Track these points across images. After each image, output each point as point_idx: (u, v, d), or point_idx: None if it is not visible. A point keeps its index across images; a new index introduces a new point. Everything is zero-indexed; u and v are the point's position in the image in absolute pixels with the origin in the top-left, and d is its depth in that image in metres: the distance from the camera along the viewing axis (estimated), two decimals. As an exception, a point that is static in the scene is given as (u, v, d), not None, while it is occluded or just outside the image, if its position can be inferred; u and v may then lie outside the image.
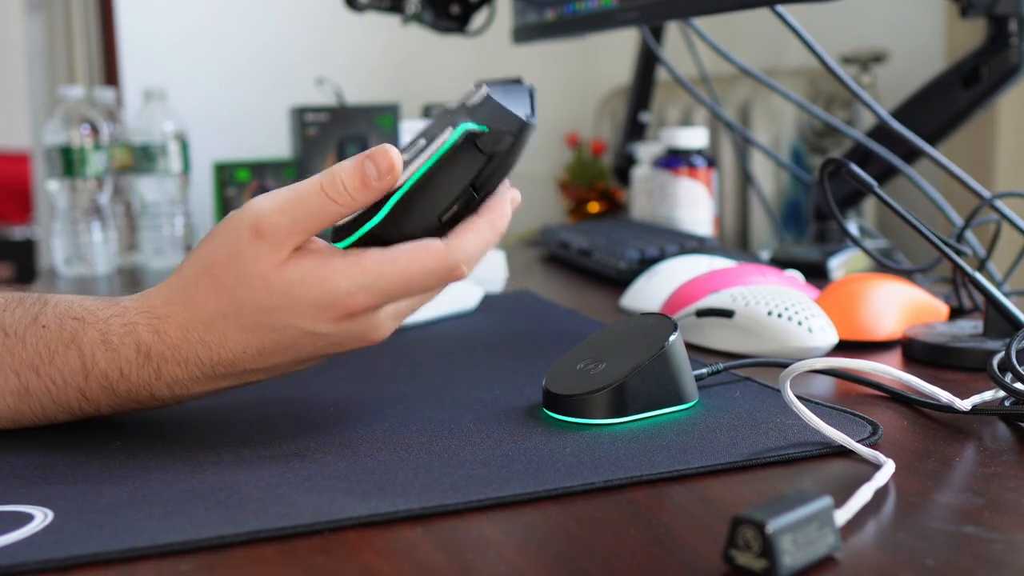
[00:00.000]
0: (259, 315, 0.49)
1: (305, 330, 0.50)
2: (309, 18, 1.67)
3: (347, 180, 0.49)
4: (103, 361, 0.51)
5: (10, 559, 0.38)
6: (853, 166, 0.69)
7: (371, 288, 0.49)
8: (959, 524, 0.41)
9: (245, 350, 0.50)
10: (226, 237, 0.50)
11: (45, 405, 0.52)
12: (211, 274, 0.50)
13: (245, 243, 0.49)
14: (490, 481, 0.46)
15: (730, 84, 1.46)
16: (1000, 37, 0.93)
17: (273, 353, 0.51)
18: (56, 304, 0.53)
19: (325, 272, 0.49)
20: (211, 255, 0.50)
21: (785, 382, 0.50)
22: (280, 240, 0.49)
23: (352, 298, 0.49)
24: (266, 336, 0.50)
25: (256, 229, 0.49)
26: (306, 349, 0.51)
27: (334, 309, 0.49)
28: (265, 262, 0.49)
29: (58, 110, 1.23)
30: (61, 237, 1.24)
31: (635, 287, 0.90)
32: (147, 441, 0.53)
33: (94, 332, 0.51)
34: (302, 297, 0.49)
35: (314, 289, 0.49)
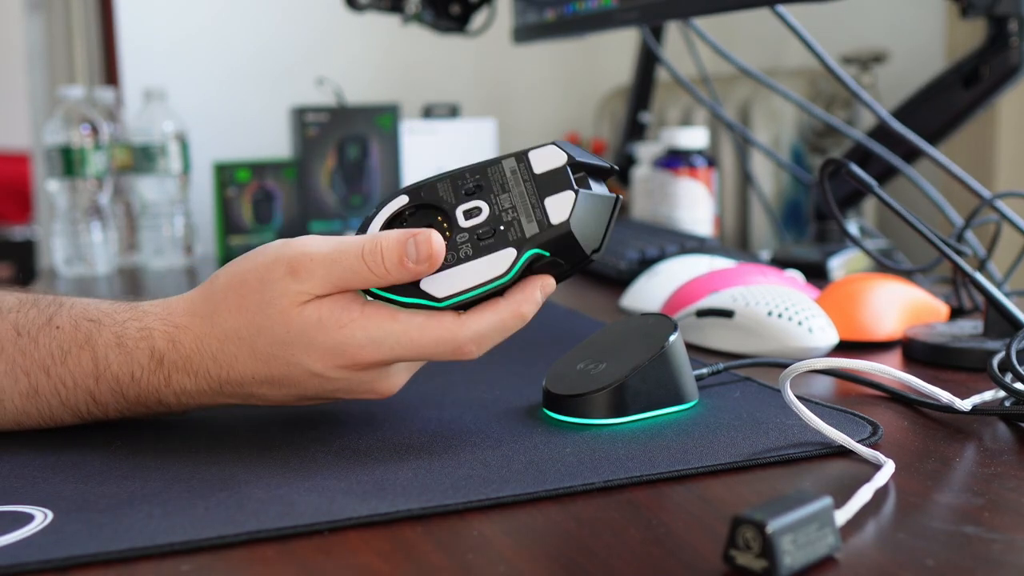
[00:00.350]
0: (273, 347, 0.50)
1: (313, 371, 0.50)
2: (309, 18, 1.67)
3: (387, 254, 0.49)
4: (116, 364, 0.51)
5: (10, 559, 0.38)
6: (853, 166, 0.69)
7: (381, 345, 0.49)
8: (959, 524, 0.41)
9: (254, 376, 0.51)
10: (263, 262, 0.50)
11: (53, 407, 0.52)
12: (239, 293, 0.50)
13: (277, 275, 0.49)
14: (490, 481, 0.46)
15: (730, 84, 1.46)
16: (1000, 37, 0.93)
17: (280, 385, 0.51)
18: (72, 306, 0.53)
19: (343, 319, 0.49)
20: (244, 275, 0.50)
21: (785, 382, 0.50)
22: (310, 286, 0.49)
23: (362, 350, 0.49)
24: (276, 368, 0.50)
25: (292, 267, 0.49)
26: (311, 389, 0.51)
27: (343, 357, 0.49)
28: (290, 299, 0.49)
29: (58, 110, 1.23)
30: (61, 237, 1.24)
31: (635, 287, 0.90)
32: (147, 441, 0.53)
33: (109, 334, 0.51)
34: (315, 339, 0.49)
35: (330, 333, 0.49)
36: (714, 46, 1.14)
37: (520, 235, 0.49)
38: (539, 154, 0.51)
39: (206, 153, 1.52)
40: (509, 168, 0.51)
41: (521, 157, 0.51)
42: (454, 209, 0.51)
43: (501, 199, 0.50)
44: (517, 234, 0.49)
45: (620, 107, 1.59)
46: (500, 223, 0.50)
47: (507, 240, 0.49)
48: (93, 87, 1.65)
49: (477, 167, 0.51)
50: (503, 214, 0.50)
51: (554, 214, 0.49)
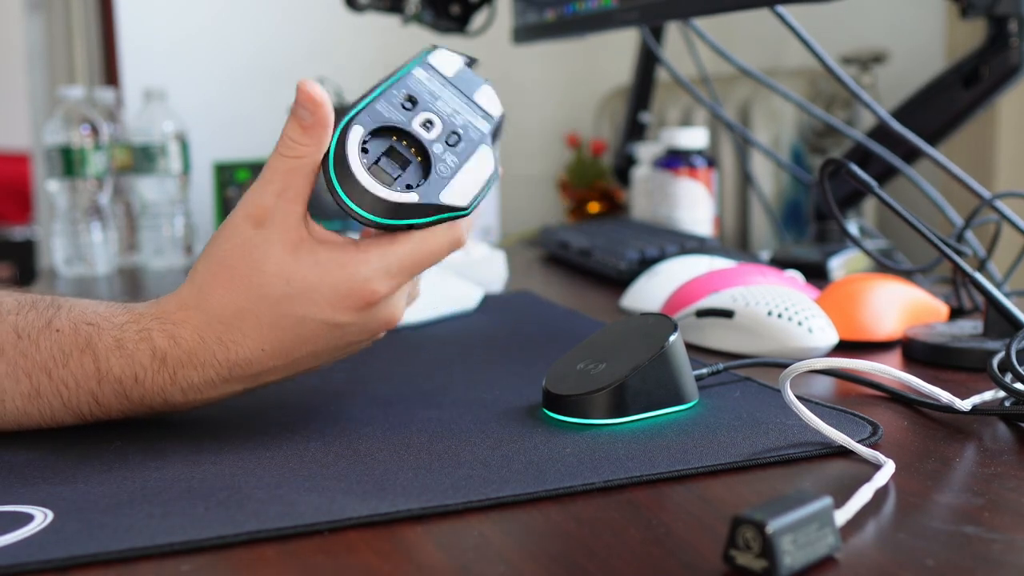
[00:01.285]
0: (278, 306, 0.49)
1: (324, 321, 0.50)
2: (309, 18, 1.67)
3: (290, 133, 0.50)
4: (117, 367, 0.51)
5: (10, 559, 0.38)
6: (853, 166, 0.69)
7: (390, 269, 0.49)
8: (959, 524, 0.41)
9: (263, 347, 0.50)
10: (229, 233, 0.50)
11: (55, 408, 0.52)
12: (225, 267, 0.50)
13: (250, 233, 0.49)
14: (490, 481, 0.46)
15: (730, 84, 1.46)
16: (1000, 37, 0.93)
17: (291, 349, 0.51)
18: (70, 309, 0.53)
19: (342, 257, 0.49)
20: (220, 252, 0.50)
21: (785, 382, 0.50)
22: (279, 220, 0.49)
23: (371, 283, 0.49)
24: (285, 330, 0.50)
25: (253, 218, 0.49)
26: (324, 341, 0.51)
27: (354, 296, 0.49)
28: (276, 248, 0.49)
29: (58, 110, 1.23)
30: (61, 237, 1.24)
31: (635, 287, 0.90)
32: (147, 441, 0.53)
33: (108, 338, 0.51)
34: (320, 283, 0.49)
35: (333, 274, 0.49)
36: (714, 46, 1.14)
37: (480, 132, 0.53)
38: (437, 59, 0.55)
39: (206, 153, 1.52)
40: (424, 78, 0.54)
41: (425, 65, 0.54)
42: (409, 125, 0.52)
43: (439, 106, 0.53)
44: (477, 132, 0.53)
45: (620, 107, 1.59)
46: (456, 127, 0.53)
47: (473, 139, 0.53)
48: (93, 87, 1.65)
49: (396, 83, 0.53)
50: (454, 118, 0.53)
51: (489, 106, 0.55)
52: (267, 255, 0.49)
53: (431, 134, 0.52)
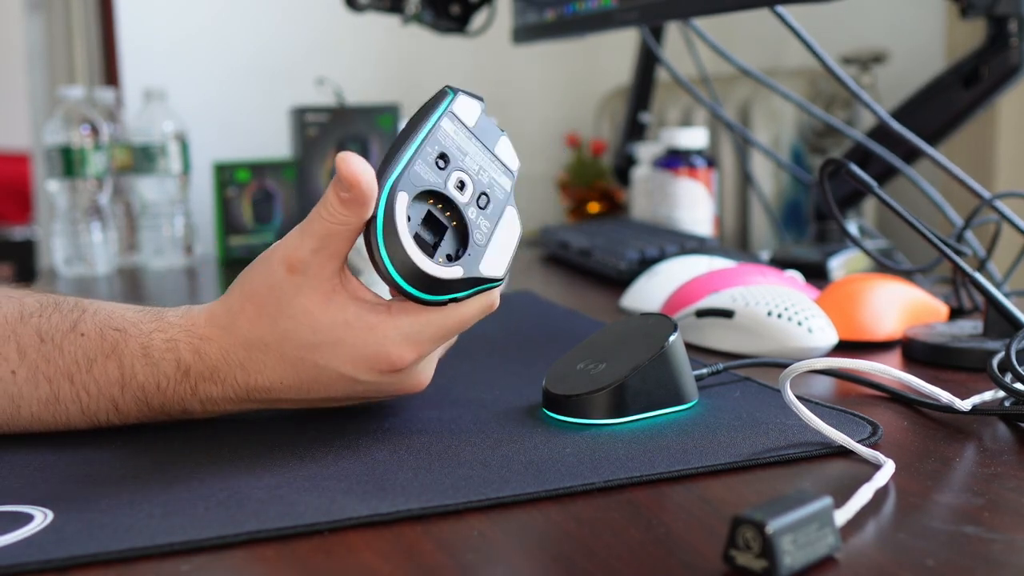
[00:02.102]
0: (302, 351, 0.50)
1: (344, 375, 0.50)
2: (309, 18, 1.67)
3: (331, 198, 0.49)
4: (142, 374, 0.51)
5: (10, 559, 0.38)
6: (853, 166, 0.69)
7: (419, 338, 0.49)
8: (959, 524, 0.41)
9: (282, 380, 0.51)
10: (263, 269, 0.50)
11: (71, 413, 0.52)
12: (254, 302, 0.50)
13: (281, 278, 0.49)
14: (490, 481, 0.46)
15: (730, 84, 1.46)
16: (1000, 37, 0.93)
17: (309, 389, 0.51)
18: (95, 312, 0.52)
19: (373, 319, 0.49)
20: (252, 286, 0.50)
21: (785, 382, 0.50)
22: (314, 271, 0.49)
23: (398, 349, 0.49)
24: (305, 372, 0.50)
25: (287, 264, 0.49)
26: (341, 391, 0.51)
27: (378, 360, 0.49)
28: (310, 295, 0.49)
29: (58, 110, 1.23)
30: (61, 237, 1.24)
31: (635, 287, 0.90)
32: (148, 441, 0.53)
33: (135, 344, 0.51)
34: (344, 340, 0.49)
35: (360, 335, 0.49)
36: (714, 46, 1.14)
37: (504, 191, 0.53)
38: (460, 107, 0.53)
39: (206, 153, 1.52)
40: (451, 131, 0.52)
41: (451, 116, 0.52)
42: (446, 188, 0.51)
43: (467, 163, 0.52)
44: (503, 191, 0.53)
45: (620, 107, 1.59)
46: (484, 186, 0.52)
47: (500, 200, 0.52)
48: (93, 87, 1.65)
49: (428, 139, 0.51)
50: (481, 176, 0.52)
51: (508, 161, 0.54)
52: (297, 302, 0.49)
53: (464, 196, 0.51)
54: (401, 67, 1.73)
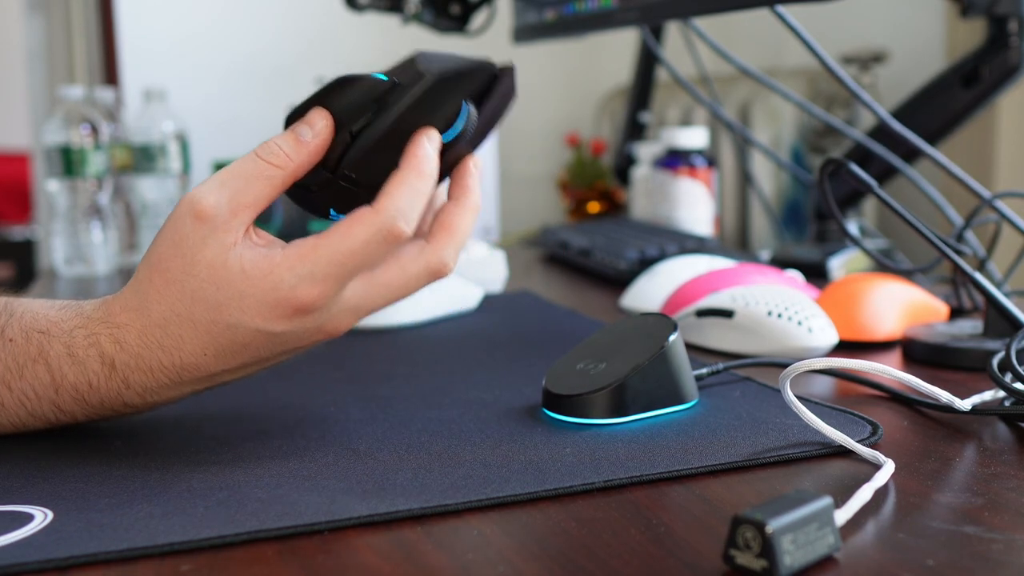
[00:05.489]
0: (210, 312, 0.47)
1: (257, 329, 0.48)
2: (309, 18, 1.67)
3: (281, 142, 0.48)
4: (71, 375, 0.50)
5: (10, 559, 0.38)
6: (853, 166, 0.69)
7: (314, 275, 0.47)
8: (959, 524, 0.41)
9: (204, 352, 0.49)
10: (169, 228, 0.48)
11: (22, 417, 0.52)
12: (160, 269, 0.48)
13: (188, 229, 0.47)
14: (490, 481, 0.46)
15: (730, 84, 1.46)
16: (1000, 37, 0.93)
17: (233, 354, 0.49)
18: (22, 316, 0.51)
19: (267, 265, 0.47)
20: (158, 250, 0.48)
21: (785, 382, 0.50)
22: (224, 219, 0.47)
23: (297, 291, 0.47)
24: (220, 336, 0.48)
25: (195, 213, 0.47)
26: (264, 348, 0.49)
27: (281, 306, 0.47)
28: (213, 248, 0.47)
29: (58, 110, 1.23)
30: (61, 237, 1.24)
31: (635, 287, 0.90)
32: (147, 441, 0.53)
33: (59, 346, 0.50)
34: (246, 292, 0.47)
35: (258, 283, 0.47)
36: (714, 46, 1.14)
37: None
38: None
39: (206, 153, 1.52)
40: None
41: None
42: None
43: None
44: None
45: (620, 107, 1.59)
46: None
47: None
48: (93, 87, 1.65)
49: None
50: None
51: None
52: (201, 257, 0.47)
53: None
54: (401, 67, 1.72)
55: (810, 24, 0.98)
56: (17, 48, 2.33)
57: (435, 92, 0.49)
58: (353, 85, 0.50)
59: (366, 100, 0.50)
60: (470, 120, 0.52)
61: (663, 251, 1.00)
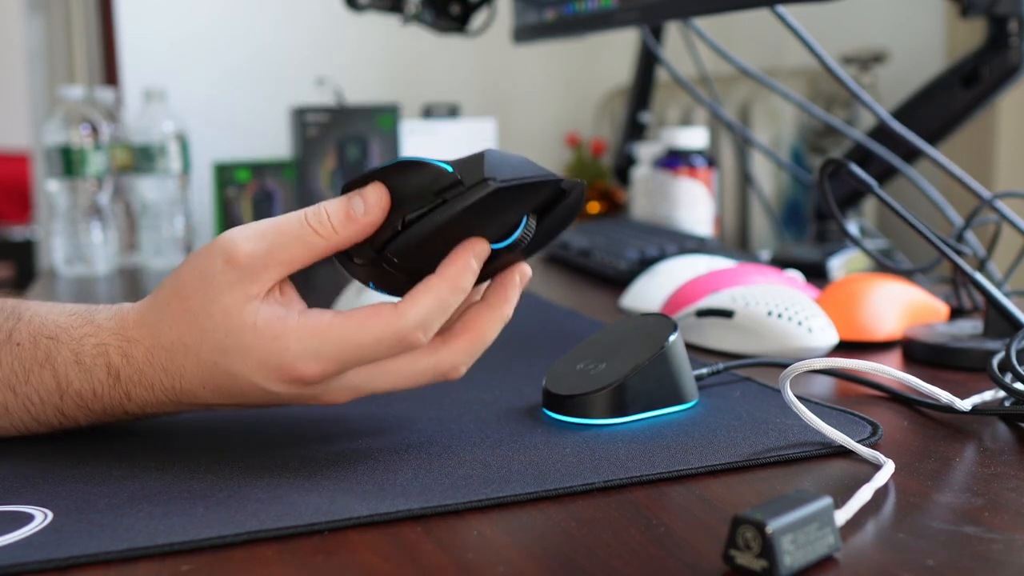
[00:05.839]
0: (215, 354, 0.47)
1: (255, 383, 0.47)
2: (309, 18, 1.67)
3: (332, 211, 0.47)
4: (76, 381, 0.50)
5: (10, 559, 0.38)
6: (853, 166, 0.69)
7: (320, 355, 0.46)
8: (959, 524, 0.41)
9: (203, 386, 0.49)
10: (201, 260, 0.48)
11: (26, 422, 0.52)
12: (180, 296, 0.48)
13: (217, 269, 0.47)
14: (490, 481, 0.46)
15: (730, 84, 1.46)
16: (1000, 37, 0.93)
17: (229, 395, 0.49)
18: (30, 320, 0.51)
19: (279, 328, 0.46)
20: (184, 277, 0.48)
21: (785, 382, 0.50)
22: (255, 271, 0.47)
23: (301, 363, 0.46)
24: (220, 378, 0.48)
25: (229, 256, 0.47)
26: (260, 400, 0.49)
27: (282, 371, 0.47)
28: (235, 295, 0.47)
29: (58, 110, 1.23)
30: (61, 237, 1.24)
31: (635, 287, 0.90)
32: (147, 441, 0.53)
33: (67, 351, 0.50)
34: (253, 348, 0.47)
35: (266, 344, 0.46)
36: (714, 46, 1.14)
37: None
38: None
39: (206, 153, 1.52)
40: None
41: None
42: None
43: None
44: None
45: (620, 107, 1.59)
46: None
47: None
48: (93, 87, 1.65)
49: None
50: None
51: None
52: (222, 299, 0.47)
53: None
54: (401, 67, 1.73)
55: (810, 24, 0.98)
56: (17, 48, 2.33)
57: (495, 200, 0.47)
58: (417, 171, 0.48)
59: (426, 190, 0.47)
60: (527, 232, 0.50)
61: (663, 251, 1.00)
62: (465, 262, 0.48)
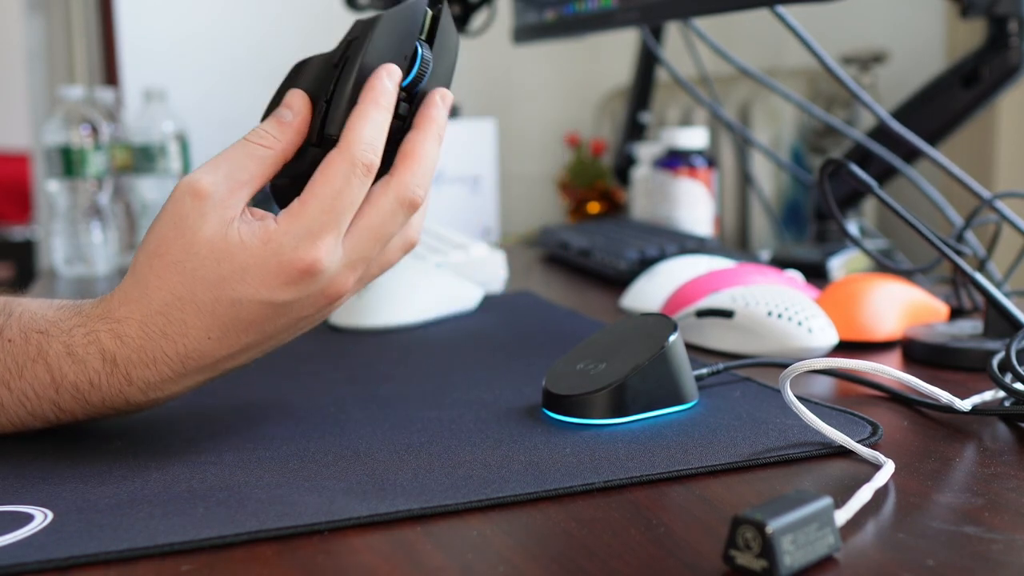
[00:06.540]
0: (212, 290, 0.48)
1: (261, 300, 0.48)
2: (309, 18, 1.67)
3: (267, 126, 0.50)
4: (71, 374, 0.50)
5: (10, 559, 0.38)
6: (853, 166, 0.69)
7: (311, 230, 0.48)
8: (959, 524, 0.41)
9: (208, 336, 0.49)
10: (168, 210, 0.49)
11: (22, 417, 0.52)
12: (159, 253, 0.48)
13: (188, 208, 0.48)
14: (490, 481, 0.46)
15: (730, 84, 1.46)
16: (1000, 37, 0.93)
17: (237, 334, 0.49)
18: (20, 315, 0.51)
19: (264, 234, 0.48)
20: (157, 234, 0.49)
21: (785, 382, 0.50)
22: (222, 196, 0.48)
23: (298, 251, 0.48)
24: (225, 315, 0.48)
25: (194, 191, 0.48)
26: (269, 323, 0.49)
27: (285, 270, 0.48)
28: (213, 223, 0.48)
29: (58, 110, 1.23)
30: (61, 237, 1.24)
31: (635, 287, 0.90)
32: (147, 441, 0.53)
33: (58, 345, 0.50)
34: (248, 264, 0.47)
35: (258, 252, 0.47)
36: (714, 46, 1.14)
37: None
38: None
39: (206, 153, 1.51)
40: None
41: None
42: None
43: None
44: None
45: (620, 107, 1.59)
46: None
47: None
48: (93, 87, 1.65)
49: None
50: None
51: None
52: (201, 234, 0.48)
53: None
54: (401, 67, 1.73)
55: (810, 24, 0.98)
56: (17, 48, 2.33)
57: (385, 34, 0.51)
58: (311, 61, 0.52)
59: (328, 68, 0.52)
60: (425, 58, 0.53)
61: (663, 251, 1.00)
62: (379, 82, 0.50)
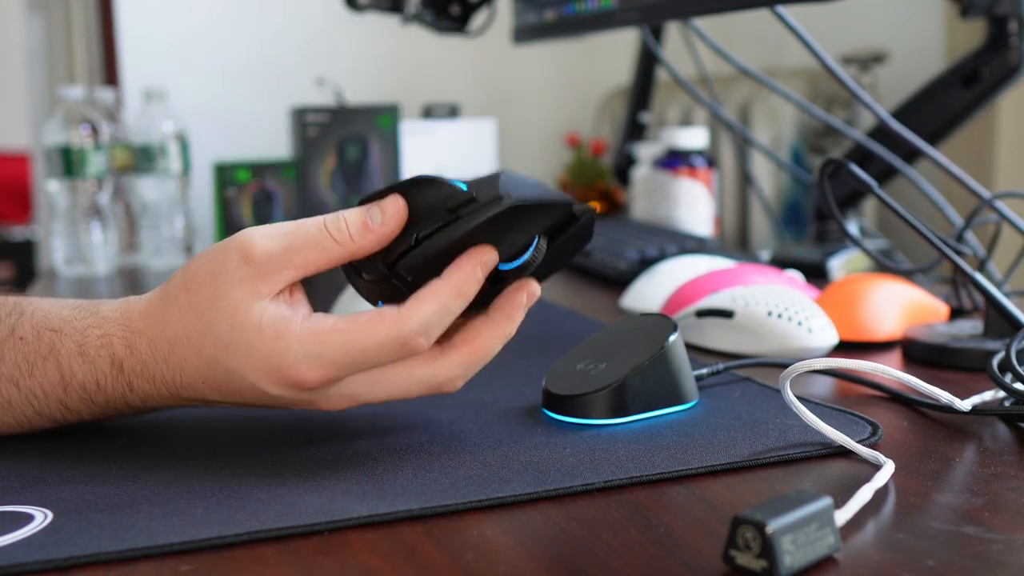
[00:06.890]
0: (217, 349, 0.47)
1: (252, 383, 0.47)
2: (309, 18, 1.67)
3: (350, 219, 0.47)
4: (80, 373, 0.50)
5: (10, 559, 0.38)
6: (853, 166, 0.69)
7: (320, 359, 0.46)
8: (959, 524, 0.41)
9: (203, 381, 0.49)
10: (214, 255, 0.48)
11: (29, 416, 0.52)
12: (189, 290, 0.48)
13: (232, 264, 0.47)
14: (490, 481, 0.46)
15: (730, 84, 1.46)
16: (1000, 37, 0.93)
17: (227, 393, 0.49)
18: (32, 314, 0.51)
19: (282, 328, 0.46)
20: (195, 271, 0.48)
21: (785, 382, 0.50)
22: (269, 269, 0.47)
23: (300, 367, 0.46)
24: (220, 375, 0.48)
25: (245, 252, 0.47)
26: (256, 400, 0.49)
27: (280, 374, 0.47)
28: (245, 290, 0.47)
29: (58, 110, 1.23)
30: (61, 237, 1.24)
31: (635, 287, 0.90)
32: (147, 441, 0.53)
33: (71, 343, 0.50)
34: (254, 346, 0.46)
35: (267, 343, 0.46)
36: (714, 46, 1.14)
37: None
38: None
39: (206, 153, 1.52)
40: None
41: None
42: None
43: None
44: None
45: (620, 107, 1.59)
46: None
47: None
48: (93, 87, 1.65)
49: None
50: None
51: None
52: (231, 294, 0.47)
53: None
54: (401, 67, 1.73)
55: (810, 24, 0.98)
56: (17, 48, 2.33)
57: (508, 219, 0.47)
58: (432, 188, 0.48)
59: (440, 207, 0.48)
60: (537, 253, 0.50)
61: (663, 251, 1.00)
62: (472, 268, 0.48)
